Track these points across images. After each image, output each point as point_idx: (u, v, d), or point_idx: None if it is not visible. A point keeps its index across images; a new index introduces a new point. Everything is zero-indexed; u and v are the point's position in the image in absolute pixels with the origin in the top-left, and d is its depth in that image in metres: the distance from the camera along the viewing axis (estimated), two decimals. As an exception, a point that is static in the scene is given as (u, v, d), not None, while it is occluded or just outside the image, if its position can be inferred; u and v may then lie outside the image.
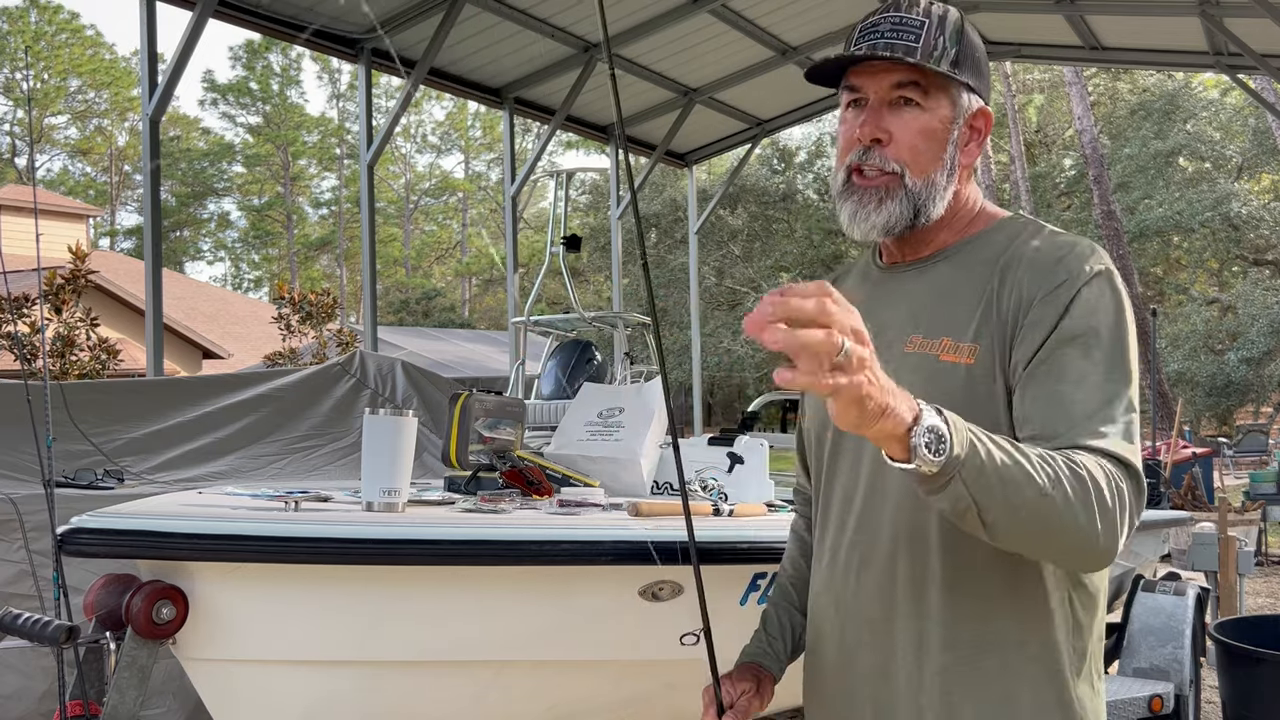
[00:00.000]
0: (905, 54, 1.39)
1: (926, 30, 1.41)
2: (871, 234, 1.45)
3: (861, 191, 1.43)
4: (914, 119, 1.42)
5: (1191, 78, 25.21)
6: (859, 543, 1.44)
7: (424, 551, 1.86)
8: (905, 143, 1.41)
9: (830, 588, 1.49)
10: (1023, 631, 1.34)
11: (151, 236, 6.84)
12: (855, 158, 1.44)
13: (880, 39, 1.41)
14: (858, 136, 1.42)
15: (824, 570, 1.51)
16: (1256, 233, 23.83)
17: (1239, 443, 19.00)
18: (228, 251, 44.58)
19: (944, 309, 1.41)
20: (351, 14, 8.15)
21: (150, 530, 1.74)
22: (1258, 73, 10.64)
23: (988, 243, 1.46)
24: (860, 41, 1.43)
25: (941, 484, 1.10)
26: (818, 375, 0.98)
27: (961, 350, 1.37)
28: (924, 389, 1.29)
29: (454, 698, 2.05)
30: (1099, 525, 1.16)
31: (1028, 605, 1.35)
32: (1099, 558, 1.20)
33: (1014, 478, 1.12)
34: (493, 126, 40.55)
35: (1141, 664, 3.77)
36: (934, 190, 1.43)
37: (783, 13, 9.90)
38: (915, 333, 1.42)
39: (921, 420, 1.07)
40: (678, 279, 25.05)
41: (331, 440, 4.09)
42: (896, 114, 1.42)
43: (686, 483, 3.04)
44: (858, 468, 1.45)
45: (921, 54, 1.40)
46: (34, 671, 2.82)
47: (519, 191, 10.51)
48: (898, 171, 1.42)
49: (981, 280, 1.40)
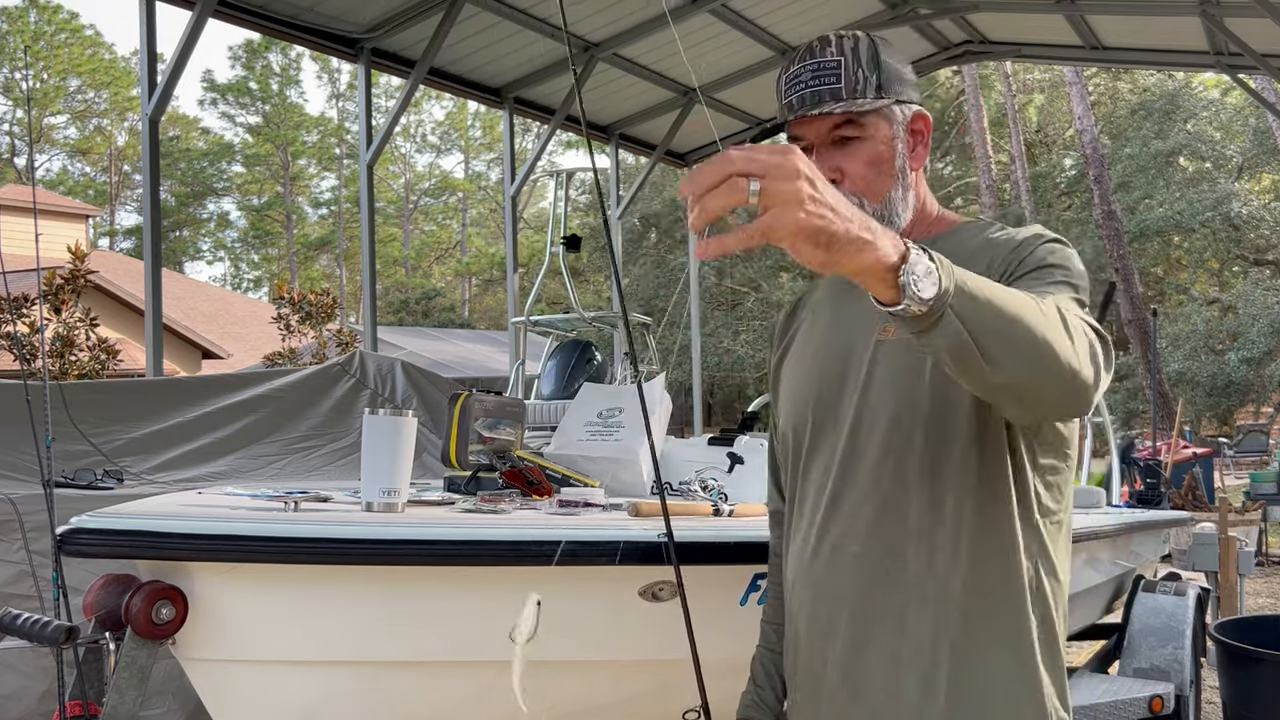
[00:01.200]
0: (831, 98, 1.49)
1: (845, 68, 1.51)
2: None
3: None
4: (858, 151, 1.51)
5: (1192, 78, 25.21)
6: (833, 532, 1.50)
7: (424, 551, 1.86)
8: (857, 175, 1.51)
9: (807, 576, 1.54)
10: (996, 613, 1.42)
11: (151, 236, 6.83)
12: None
13: (806, 89, 1.52)
14: None
15: (796, 559, 1.57)
16: (1257, 233, 23.84)
17: (1239, 443, 19.01)
18: (227, 251, 44.61)
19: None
20: (351, 14, 8.14)
21: (150, 530, 1.73)
22: (1258, 73, 10.64)
23: (952, 241, 1.53)
24: (789, 94, 1.54)
25: (934, 321, 1.11)
26: (741, 233, 0.99)
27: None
28: (897, 368, 1.45)
29: (454, 698, 2.05)
30: (1083, 354, 1.19)
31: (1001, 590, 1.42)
32: (1086, 392, 1.20)
33: (1003, 303, 1.15)
34: (492, 126, 40.55)
35: (1142, 664, 3.77)
36: (893, 206, 1.54)
37: (783, 13, 9.89)
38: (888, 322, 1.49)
39: (909, 258, 1.08)
40: (678, 279, 25.05)
41: (331, 440, 4.09)
42: (842, 150, 1.52)
43: (686, 483, 3.04)
44: (831, 460, 1.52)
45: (846, 93, 1.50)
46: (33, 671, 2.82)
47: (519, 191, 10.50)
48: (857, 203, 1.48)
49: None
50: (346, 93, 41.68)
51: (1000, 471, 1.43)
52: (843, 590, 1.47)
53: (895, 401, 1.45)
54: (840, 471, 1.50)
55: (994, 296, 1.14)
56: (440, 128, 44.61)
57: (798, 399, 1.61)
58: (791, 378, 1.65)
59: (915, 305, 1.09)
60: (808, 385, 1.59)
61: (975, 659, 1.41)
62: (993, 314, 1.13)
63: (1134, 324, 22.25)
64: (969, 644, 1.41)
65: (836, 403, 1.53)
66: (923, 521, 1.43)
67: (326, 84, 47.55)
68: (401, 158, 43.97)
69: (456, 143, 44.91)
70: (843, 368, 1.54)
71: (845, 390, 1.52)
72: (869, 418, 1.48)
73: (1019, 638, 1.42)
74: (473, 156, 45.09)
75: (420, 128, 44.28)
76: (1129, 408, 22.59)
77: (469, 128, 43.94)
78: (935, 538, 1.42)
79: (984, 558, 1.42)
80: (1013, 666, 1.41)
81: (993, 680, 1.41)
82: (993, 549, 1.42)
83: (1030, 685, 1.42)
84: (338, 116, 42.70)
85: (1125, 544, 4.08)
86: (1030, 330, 1.15)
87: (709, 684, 1.74)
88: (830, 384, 1.54)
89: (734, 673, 1.72)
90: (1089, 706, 3.29)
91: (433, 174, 45.38)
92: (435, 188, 44.85)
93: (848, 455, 1.49)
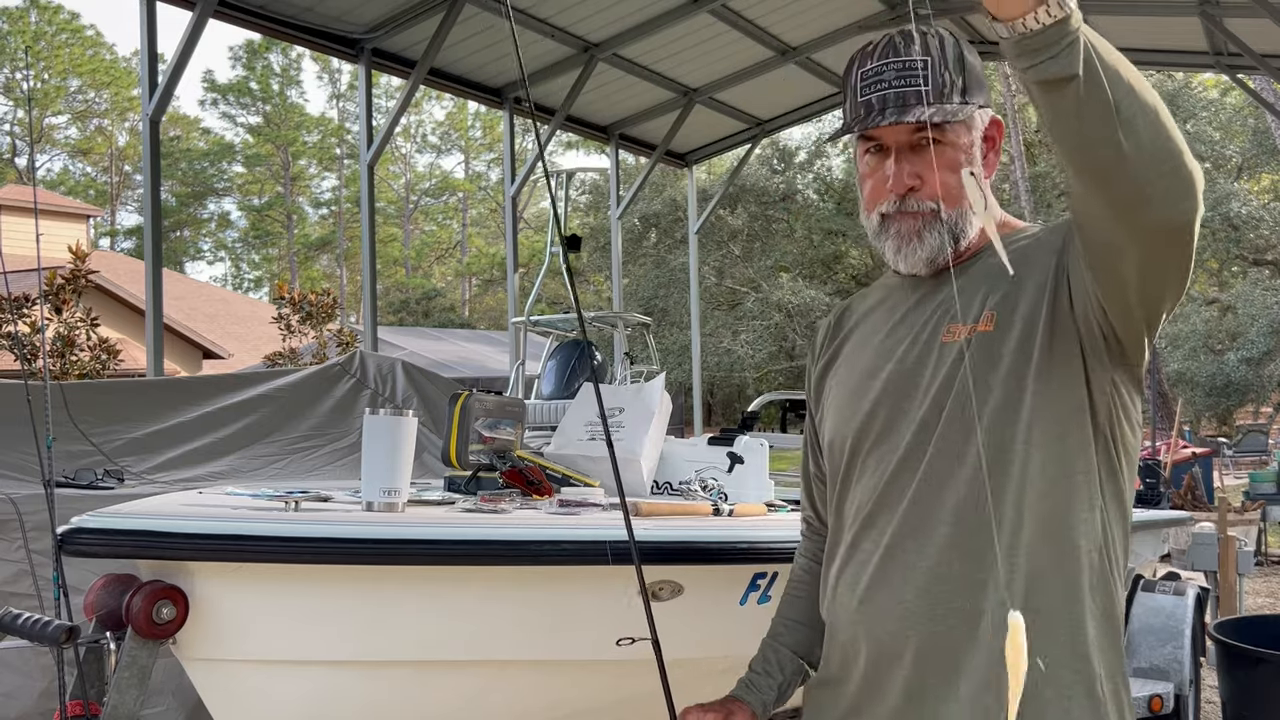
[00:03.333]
0: (917, 101, 1.40)
1: (931, 69, 1.42)
2: (917, 267, 1.49)
3: (899, 223, 1.47)
4: (940, 158, 1.43)
5: (1191, 78, 25.20)
6: (896, 545, 1.44)
7: (424, 551, 1.86)
8: (937, 183, 1.43)
9: (864, 589, 1.47)
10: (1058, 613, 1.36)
11: (152, 236, 6.84)
12: (889, 207, 1.47)
13: (889, 89, 1.42)
14: (890, 189, 1.45)
15: (851, 570, 1.50)
16: (1256, 233, 23.82)
17: (1239, 443, 19.02)
18: (228, 251, 44.58)
19: (974, 300, 1.46)
20: (351, 14, 8.15)
21: (150, 530, 1.74)
22: (1258, 73, 10.64)
23: (1015, 241, 1.48)
24: (868, 92, 1.44)
25: (1068, 41, 1.07)
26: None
27: (986, 319, 1.42)
28: (975, 375, 1.38)
29: (454, 698, 2.05)
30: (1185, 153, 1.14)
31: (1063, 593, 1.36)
32: (1196, 187, 1.15)
33: (1121, 56, 1.11)
34: (493, 126, 40.54)
35: (1141, 664, 3.77)
36: (967, 215, 1.47)
37: (783, 13, 9.89)
38: (952, 323, 1.46)
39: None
40: (678, 279, 25.04)
41: (331, 440, 4.09)
42: (922, 156, 1.43)
43: (686, 483, 3.04)
44: (884, 471, 1.47)
45: (933, 96, 1.41)
46: (32, 670, 2.82)
47: (519, 191, 10.50)
48: (934, 209, 1.45)
49: (998, 273, 1.43)
50: (347, 93, 41.69)
51: (1077, 466, 1.37)
52: (910, 608, 1.40)
53: (964, 410, 1.39)
54: (898, 480, 1.44)
55: (1123, 63, 1.10)
56: (440, 128, 44.60)
57: (850, 408, 1.54)
58: (844, 388, 1.58)
59: (1056, 10, 1.05)
60: (864, 396, 1.52)
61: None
62: (1118, 57, 1.09)
63: (1134, 324, 22.21)
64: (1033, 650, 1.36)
65: (894, 410, 1.47)
66: (991, 525, 1.36)
67: (327, 84, 47.57)
68: (402, 158, 43.97)
69: (457, 143, 44.90)
70: (900, 375, 1.48)
71: (910, 400, 1.46)
72: (936, 428, 1.42)
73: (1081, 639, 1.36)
74: (473, 156, 45.10)
75: (420, 128, 44.28)
76: (1129, 408, 22.57)
77: (469, 128, 43.93)
78: (1005, 550, 1.35)
79: (1051, 559, 1.36)
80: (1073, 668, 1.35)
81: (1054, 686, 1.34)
82: (1058, 551, 1.36)
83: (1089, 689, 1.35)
84: (338, 117, 42.73)
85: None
86: (1147, 89, 1.10)
87: (709, 684, 1.73)
88: (892, 394, 1.48)
89: (733, 672, 1.72)
90: (1088, 706, 3.28)
91: (433, 174, 45.38)
92: (435, 188, 44.84)
93: (905, 464, 1.44)
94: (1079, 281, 1.33)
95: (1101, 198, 1.18)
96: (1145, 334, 1.35)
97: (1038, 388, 1.36)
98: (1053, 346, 1.37)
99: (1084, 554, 1.37)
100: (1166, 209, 1.15)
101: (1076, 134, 1.12)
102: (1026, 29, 1.07)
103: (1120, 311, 1.30)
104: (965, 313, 1.44)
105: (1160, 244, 1.21)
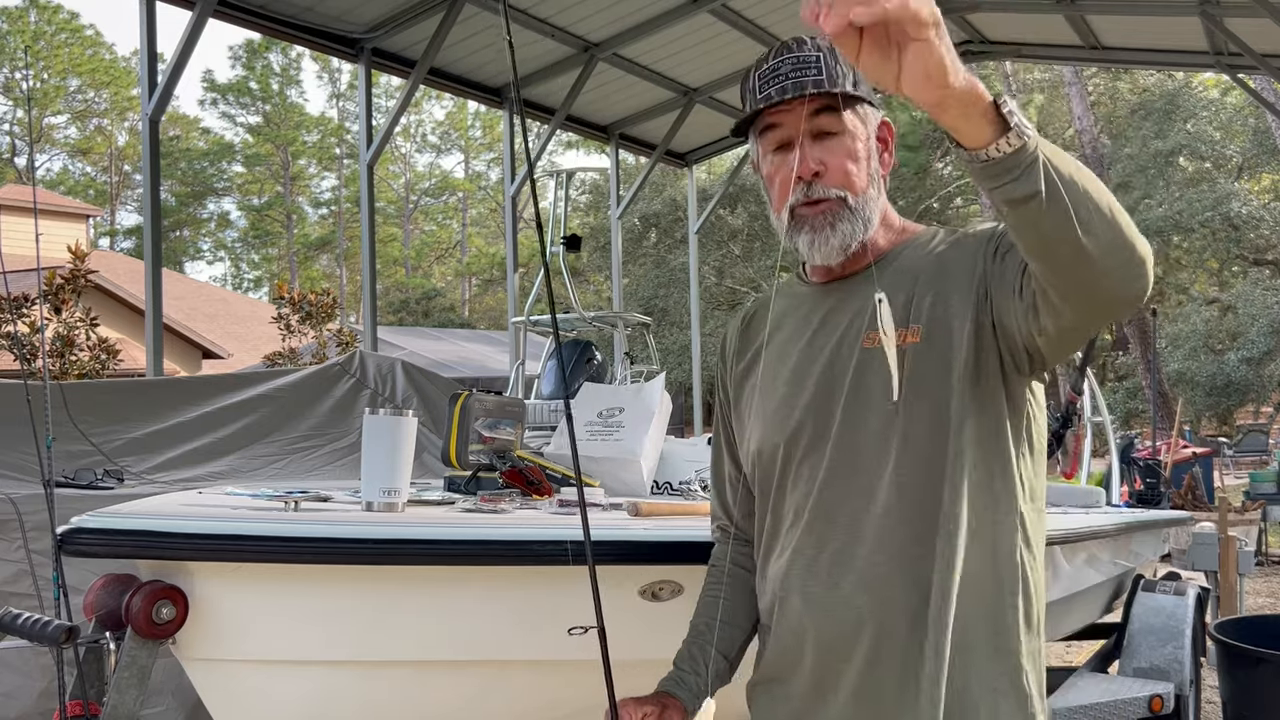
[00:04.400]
0: (814, 86, 1.48)
1: (824, 63, 1.50)
2: (831, 257, 1.54)
3: (812, 219, 1.53)
4: (838, 145, 1.51)
5: (1191, 77, 25.19)
6: (830, 546, 1.49)
7: (424, 551, 1.86)
8: (839, 168, 1.51)
9: (803, 590, 1.52)
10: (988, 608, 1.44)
11: (151, 236, 6.83)
12: (798, 196, 1.52)
13: (788, 80, 1.50)
14: (799, 174, 1.50)
15: (788, 574, 1.54)
16: (1256, 233, 23.81)
17: (1239, 443, 19.04)
18: (228, 251, 44.59)
19: (896, 306, 1.49)
20: (351, 14, 8.14)
21: (150, 530, 1.74)
22: (1258, 73, 10.64)
23: (916, 247, 1.56)
24: (766, 86, 1.52)
25: (1028, 164, 1.13)
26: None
27: (914, 332, 1.47)
28: (896, 374, 1.43)
29: (454, 698, 2.05)
30: (1134, 236, 1.21)
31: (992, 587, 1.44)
32: (1147, 266, 1.23)
33: (1079, 169, 1.17)
34: (493, 126, 40.54)
35: (1141, 664, 3.77)
36: (870, 204, 1.54)
37: (783, 13, 9.89)
38: (871, 329, 1.49)
39: (1001, 97, 1.12)
40: (678, 279, 25.04)
41: (331, 440, 4.09)
42: (822, 145, 1.51)
43: (686, 483, 3.04)
44: (816, 473, 1.51)
45: (828, 83, 1.49)
46: (32, 670, 2.82)
47: (519, 191, 10.51)
48: (840, 196, 1.51)
49: (914, 277, 1.51)
50: (347, 93, 41.69)
51: (998, 468, 1.45)
52: (857, 607, 1.45)
53: (887, 409, 1.44)
54: (834, 484, 1.49)
55: (1077, 169, 1.17)
56: (440, 128, 44.60)
57: (779, 415, 1.58)
58: (770, 397, 1.61)
59: (1015, 140, 1.12)
60: (792, 404, 1.56)
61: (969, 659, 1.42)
62: (1073, 165, 1.16)
63: (1134, 324, 22.24)
64: (966, 645, 1.42)
65: (826, 416, 1.51)
66: (927, 527, 1.42)
67: (327, 84, 47.55)
68: (401, 158, 43.97)
69: (456, 143, 44.90)
70: (828, 381, 1.52)
71: (833, 403, 1.51)
72: (862, 427, 1.47)
73: (1007, 633, 1.45)
74: (473, 156, 45.10)
75: (420, 128, 44.29)
76: (1129, 407, 22.60)
77: (469, 128, 43.93)
78: (940, 543, 1.42)
79: (981, 557, 1.43)
80: (998, 663, 1.44)
81: (982, 680, 1.43)
82: (988, 549, 1.44)
83: (1013, 680, 1.44)
84: (338, 116, 42.72)
85: (1125, 544, 4.08)
86: (1102, 190, 1.18)
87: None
88: (822, 401, 1.53)
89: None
90: (1089, 706, 3.29)
91: (433, 174, 45.39)
92: (435, 188, 44.85)
93: (839, 468, 1.49)
94: (1006, 311, 1.39)
95: (1061, 281, 1.25)
96: (1066, 356, 1.46)
97: (964, 399, 1.43)
98: (978, 361, 1.43)
99: (1010, 552, 1.45)
100: (1121, 289, 1.23)
101: (1039, 238, 1.20)
102: (989, 157, 1.14)
103: (1045, 344, 1.37)
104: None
105: (1105, 315, 1.31)
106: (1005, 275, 1.38)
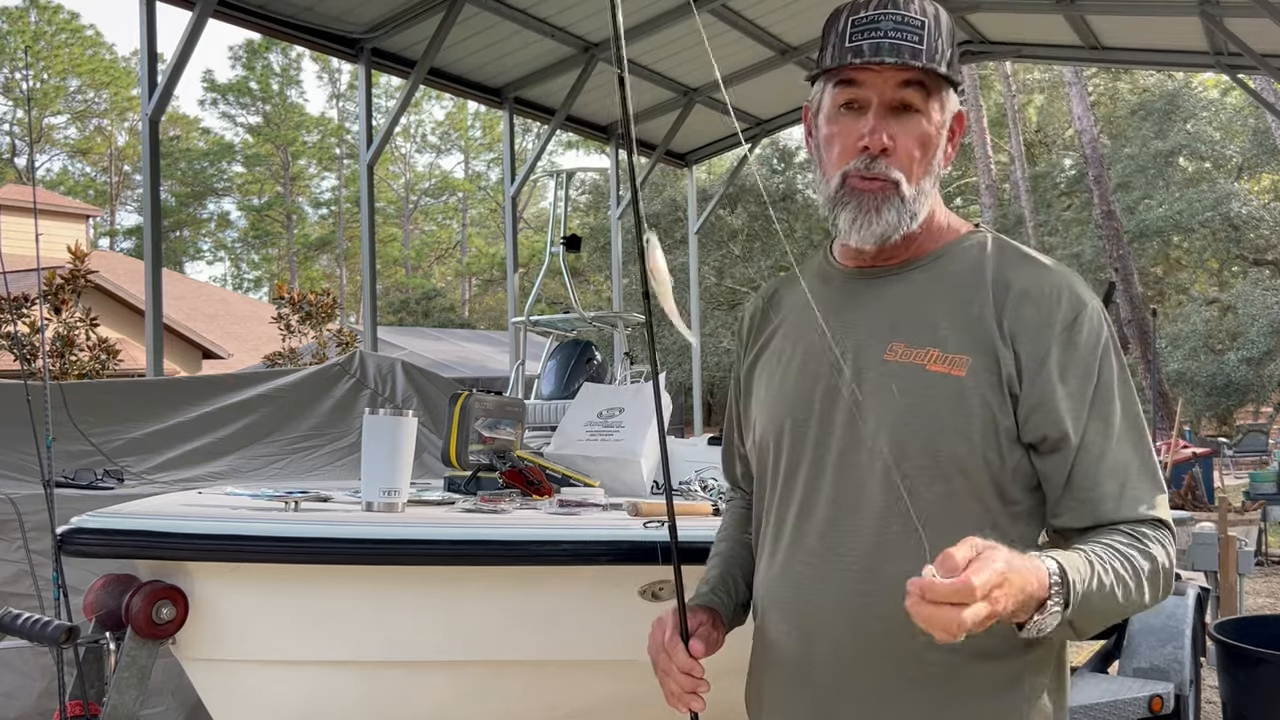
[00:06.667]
0: (912, 57, 1.35)
1: (928, 31, 1.36)
2: (868, 241, 1.42)
3: (861, 196, 1.40)
4: (914, 126, 1.39)
5: (1191, 78, 25.21)
6: (822, 544, 1.44)
7: (424, 551, 1.86)
8: (906, 152, 1.39)
9: (793, 587, 1.48)
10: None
11: (151, 236, 6.83)
12: (858, 166, 1.40)
13: (885, 38, 1.35)
14: (866, 145, 1.38)
15: (782, 568, 1.50)
16: (1256, 233, 23.83)
17: (1239, 443, 19.04)
18: (228, 251, 44.57)
19: (927, 319, 1.41)
20: (351, 14, 8.14)
21: (150, 530, 1.74)
22: (1258, 73, 10.64)
23: (961, 255, 1.46)
24: (860, 37, 1.37)
25: (1063, 618, 1.22)
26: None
27: (953, 362, 1.37)
28: (912, 398, 1.36)
29: (453, 698, 2.05)
30: (1160, 594, 1.34)
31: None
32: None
33: (1108, 600, 1.26)
34: (493, 126, 40.53)
35: (1141, 664, 3.76)
36: (922, 198, 1.43)
37: (783, 12, 9.89)
38: (895, 340, 1.41)
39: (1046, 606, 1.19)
40: (678, 279, 25.00)
41: (331, 440, 4.09)
42: (898, 120, 1.39)
43: (686, 483, 3.04)
44: (820, 471, 1.45)
45: (926, 56, 1.36)
46: (32, 670, 2.82)
47: (519, 191, 10.50)
48: (896, 180, 1.39)
49: (965, 294, 1.41)
50: (347, 93, 41.68)
51: (992, 490, 1.39)
52: (851, 604, 1.42)
53: (893, 416, 1.38)
54: (837, 483, 1.44)
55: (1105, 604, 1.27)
56: (440, 128, 44.59)
57: (784, 406, 1.51)
58: (775, 388, 1.54)
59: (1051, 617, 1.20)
60: (798, 400, 1.49)
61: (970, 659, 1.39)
62: (1101, 615, 1.27)
63: (1134, 324, 22.23)
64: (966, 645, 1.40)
65: (828, 413, 1.45)
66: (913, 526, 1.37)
67: (327, 84, 47.54)
68: (401, 158, 43.95)
69: (456, 143, 44.88)
70: (833, 390, 1.45)
71: (838, 400, 1.44)
72: (863, 427, 1.41)
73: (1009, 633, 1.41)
74: (473, 156, 45.09)
75: (420, 128, 44.27)
76: (1129, 408, 22.56)
77: (469, 128, 43.92)
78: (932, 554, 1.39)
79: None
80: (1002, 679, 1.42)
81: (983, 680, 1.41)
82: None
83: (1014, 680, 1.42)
84: (338, 116, 42.72)
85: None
86: (1123, 609, 1.29)
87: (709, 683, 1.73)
88: (822, 393, 1.46)
89: (732, 672, 1.72)
90: (1089, 706, 3.29)
91: (433, 174, 45.37)
92: (435, 188, 44.83)
93: (843, 467, 1.43)
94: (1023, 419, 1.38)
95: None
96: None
97: (987, 427, 1.37)
98: (1004, 411, 1.38)
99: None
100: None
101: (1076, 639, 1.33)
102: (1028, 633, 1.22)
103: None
104: (916, 331, 1.41)
105: None
106: (1029, 433, 1.38)
